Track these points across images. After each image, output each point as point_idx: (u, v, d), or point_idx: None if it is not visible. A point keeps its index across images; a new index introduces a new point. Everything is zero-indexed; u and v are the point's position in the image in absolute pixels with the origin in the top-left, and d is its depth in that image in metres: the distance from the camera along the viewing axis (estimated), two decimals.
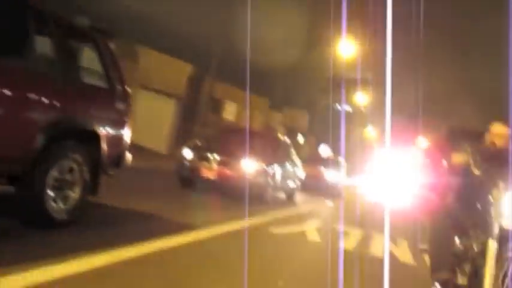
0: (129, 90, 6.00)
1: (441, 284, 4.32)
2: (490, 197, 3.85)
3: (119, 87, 5.76)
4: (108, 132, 5.54)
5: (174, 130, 25.22)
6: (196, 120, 25.53)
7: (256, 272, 4.75)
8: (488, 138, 4.61)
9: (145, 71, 22.81)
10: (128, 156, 6.14)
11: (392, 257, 7.68)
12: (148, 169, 14.67)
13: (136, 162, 14.22)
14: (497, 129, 4.55)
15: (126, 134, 6.00)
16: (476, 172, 4.05)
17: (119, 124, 5.79)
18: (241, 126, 24.89)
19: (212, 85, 24.09)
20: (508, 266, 3.63)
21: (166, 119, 24.76)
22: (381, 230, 9.96)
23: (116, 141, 5.79)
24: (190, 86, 25.52)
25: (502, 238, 3.67)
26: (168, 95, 24.43)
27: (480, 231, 4.08)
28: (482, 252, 3.83)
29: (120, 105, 5.78)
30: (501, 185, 3.75)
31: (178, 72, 24.61)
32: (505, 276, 3.65)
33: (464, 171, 4.16)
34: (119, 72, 5.87)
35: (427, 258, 4.88)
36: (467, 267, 4.16)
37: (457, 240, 4.45)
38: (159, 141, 23.87)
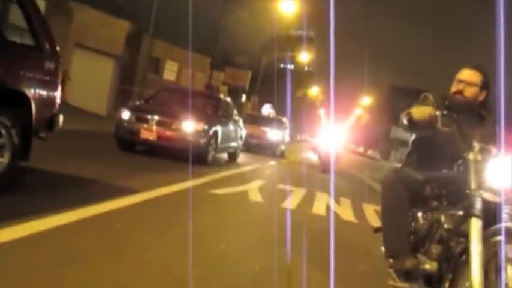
0: (58, 48, 5.66)
1: (402, 274, 3.43)
2: (465, 160, 3.08)
3: (47, 45, 5.43)
4: (38, 94, 5.24)
5: (113, 91, 24.60)
6: (135, 80, 24.97)
7: (198, 234, 4.66)
8: (454, 87, 3.62)
9: (80, 29, 22.01)
10: (60, 118, 5.85)
11: (334, 215, 7.78)
12: (87, 132, 14.28)
13: (75, 125, 13.96)
14: (467, 75, 3.57)
15: (58, 95, 5.70)
16: (444, 127, 3.14)
17: (49, 85, 5.48)
18: (181, 86, 24.51)
19: (151, 44, 23.46)
20: (497, 253, 2.79)
21: (104, 79, 24.09)
22: (324, 189, 10.09)
23: (47, 103, 5.50)
24: (128, 45, 24.80)
25: (486, 215, 2.90)
26: (106, 54, 23.69)
27: (450, 202, 3.32)
28: (456, 229, 3.08)
29: (49, 65, 5.46)
30: (477, 147, 3.04)
31: (115, 30, 23.83)
32: (493, 266, 2.82)
33: (427, 125, 3.19)
34: (47, 30, 5.52)
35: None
36: (435, 249, 3.22)
37: (418, 215, 3.56)
38: (98, 102, 23.27)
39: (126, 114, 10.71)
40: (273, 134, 20.14)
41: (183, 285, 3.43)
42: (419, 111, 3.19)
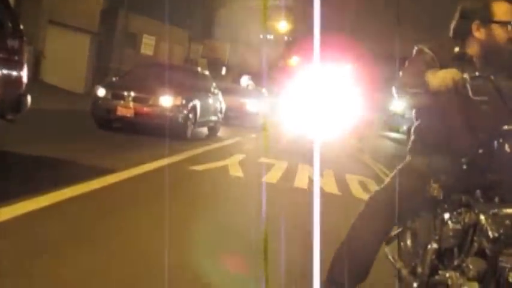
0: (21, 26, 5.41)
1: None
2: None
3: (8, 22, 5.18)
4: (1, 73, 5.01)
5: (91, 68, 24.15)
6: (113, 56, 24.53)
7: (175, 215, 4.53)
8: (499, 31, 2.49)
9: (52, 5, 21.41)
10: (28, 99, 5.63)
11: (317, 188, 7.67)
12: (64, 111, 14.00)
13: (51, 104, 13.66)
14: (507, 9, 2.51)
15: (24, 74, 5.48)
16: (475, 95, 2.30)
17: (13, 64, 5.26)
18: (158, 60, 24.15)
19: (127, 18, 22.99)
20: None
21: (81, 56, 23.59)
22: (306, 160, 9.98)
23: (12, 83, 5.28)
24: (104, 20, 24.28)
25: None
26: (81, 30, 23.16)
27: (488, 196, 2.34)
28: (507, 237, 2.12)
29: (12, 43, 5.22)
30: None
31: (90, 5, 23.25)
32: None
33: (450, 96, 2.31)
34: (8, 6, 5.26)
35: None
36: (474, 264, 2.21)
37: (445, 216, 2.53)
38: (75, 80, 22.82)
39: (101, 92, 10.47)
40: (252, 106, 19.91)
41: (157, 271, 3.29)
42: (439, 77, 2.29)
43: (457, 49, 2.60)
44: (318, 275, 2.82)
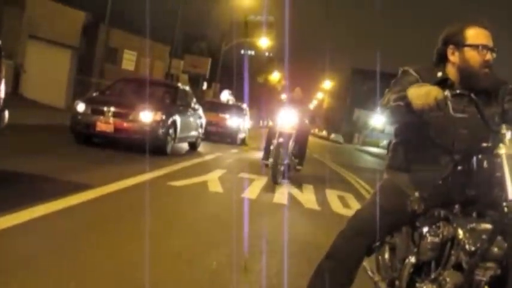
0: None
1: None
2: (492, 155, 2.21)
3: None
4: None
5: (71, 83, 24.03)
6: (93, 71, 24.44)
7: (154, 231, 4.50)
8: (474, 56, 2.58)
9: (34, 20, 21.31)
10: (6, 114, 5.57)
11: (297, 203, 7.69)
12: (44, 126, 13.85)
13: (31, 119, 13.53)
14: (486, 38, 2.61)
15: (1, 90, 5.42)
16: (456, 112, 2.40)
17: None
18: (138, 76, 24.09)
19: (108, 33, 22.93)
20: None
21: (62, 71, 23.50)
22: (285, 176, 9.97)
23: None
24: (85, 35, 24.21)
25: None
26: (62, 45, 23.07)
27: (466, 211, 2.39)
28: (483, 251, 2.12)
29: None
30: (508, 135, 2.19)
31: (71, 20, 23.23)
32: None
33: (431, 112, 2.28)
34: None
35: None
36: (451, 277, 2.25)
37: (423, 230, 2.52)
38: (56, 95, 22.70)
39: (81, 107, 10.40)
40: (233, 121, 19.89)
41: (132, 287, 3.26)
42: (421, 94, 2.27)
43: (439, 74, 2.67)
44: None
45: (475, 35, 2.61)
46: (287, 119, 9.63)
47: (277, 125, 9.76)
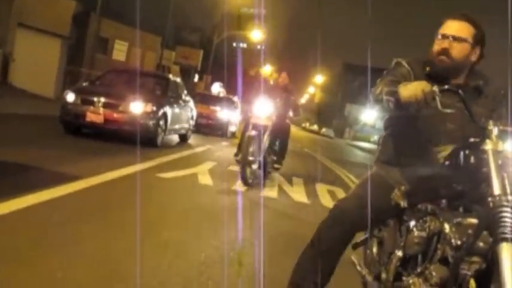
0: None
1: None
2: (478, 151, 2.22)
3: None
4: None
5: (61, 72, 23.85)
6: (84, 61, 24.29)
7: (142, 223, 4.47)
8: (437, 45, 2.68)
9: (23, 8, 21.12)
10: None
11: (287, 197, 7.70)
12: (32, 115, 13.75)
13: (20, 108, 13.45)
14: (453, 28, 2.65)
15: None
16: (444, 107, 2.34)
17: None
18: (129, 66, 23.96)
19: (99, 23, 22.79)
20: None
21: (51, 60, 23.27)
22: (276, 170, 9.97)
23: None
24: (75, 24, 24.02)
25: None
26: (52, 34, 22.87)
27: (453, 205, 2.40)
28: (469, 245, 2.13)
29: None
30: (494, 131, 2.21)
31: (61, 9, 23.00)
32: None
33: (420, 106, 2.32)
34: None
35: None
36: (437, 271, 2.28)
37: (410, 224, 2.57)
38: (45, 84, 22.51)
39: (71, 97, 10.32)
40: (223, 114, 19.82)
41: (120, 278, 3.25)
42: (410, 90, 2.32)
43: (428, 68, 2.71)
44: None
45: (444, 26, 2.68)
46: (263, 109, 8.20)
47: (252, 115, 8.41)
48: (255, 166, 7.89)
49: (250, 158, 7.70)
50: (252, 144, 7.81)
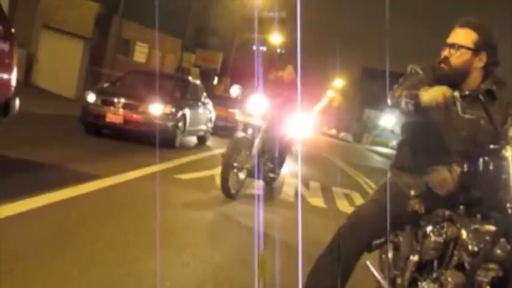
0: (12, 29, 5.39)
1: None
2: (497, 157, 2.22)
3: None
4: None
5: (83, 73, 24.08)
6: (105, 62, 24.50)
7: (159, 223, 4.51)
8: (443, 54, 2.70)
9: (48, 10, 21.42)
10: (17, 103, 5.59)
11: (303, 200, 7.69)
12: (54, 115, 13.92)
13: (42, 108, 13.60)
14: (455, 36, 2.68)
15: (13, 78, 5.44)
16: (465, 113, 2.32)
17: (2, 67, 5.22)
18: (149, 68, 24.08)
19: (121, 25, 22.98)
20: None
21: (73, 61, 23.49)
22: (293, 172, 9.99)
23: (1, 86, 5.24)
24: (98, 26, 24.25)
25: None
26: (75, 35, 23.12)
27: (471, 212, 2.40)
28: (486, 252, 2.13)
29: (2, 46, 5.19)
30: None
31: (84, 11, 23.24)
32: None
33: (440, 111, 2.40)
34: None
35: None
36: (452, 277, 2.27)
37: (427, 229, 2.57)
38: (67, 85, 22.72)
39: (91, 97, 10.43)
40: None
41: (135, 278, 3.28)
42: (431, 94, 2.34)
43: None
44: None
45: (452, 34, 2.71)
46: (256, 106, 6.93)
47: (244, 112, 7.15)
48: (242, 174, 6.80)
49: (236, 164, 6.61)
50: (239, 148, 6.72)
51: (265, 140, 7.11)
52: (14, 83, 5.48)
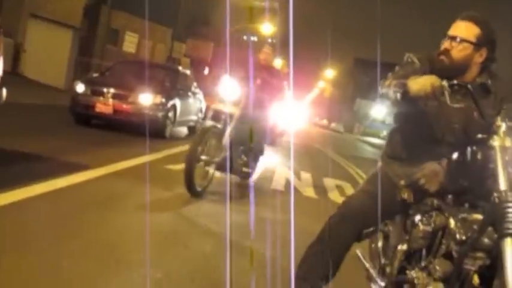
0: None
1: None
2: (485, 147, 2.22)
3: None
4: None
5: (72, 63, 23.94)
6: (94, 52, 24.37)
7: (148, 214, 4.50)
8: (442, 45, 2.67)
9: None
10: (4, 92, 5.53)
11: (295, 190, 7.69)
12: (43, 106, 13.85)
13: (30, 98, 13.50)
14: (456, 29, 2.64)
15: None
16: (453, 102, 2.32)
17: None
18: (139, 58, 23.96)
19: (110, 15, 22.85)
20: None
21: (62, 51, 23.36)
22: (284, 163, 9.99)
23: None
24: (87, 15, 24.09)
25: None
26: (63, 25, 22.95)
27: (459, 201, 2.40)
28: (473, 241, 2.14)
29: None
30: (502, 127, 2.17)
31: (73, 1, 23.07)
32: None
33: (427, 100, 2.40)
34: None
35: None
36: (440, 265, 2.29)
37: (416, 218, 2.56)
38: (56, 75, 22.60)
39: (80, 88, 10.37)
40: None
41: (124, 268, 3.27)
42: (419, 83, 2.35)
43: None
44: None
45: (452, 27, 2.67)
46: (230, 89, 6.13)
47: (214, 99, 6.52)
48: (210, 169, 6.02)
49: (203, 157, 5.82)
50: (208, 139, 5.87)
51: (239, 130, 6.16)
52: (0, 72, 5.42)
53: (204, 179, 5.93)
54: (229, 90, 6.08)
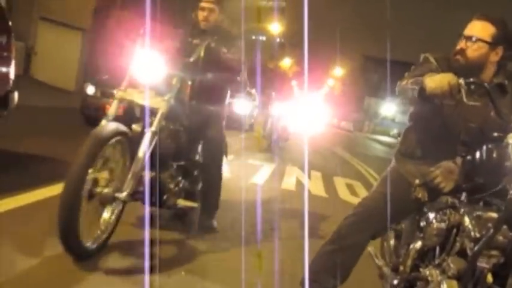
0: (9, 21, 5.36)
1: None
2: (501, 145, 2.21)
3: None
4: None
5: (81, 65, 24.03)
6: (104, 55, 24.44)
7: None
8: (458, 45, 2.69)
9: (44, 2, 21.32)
10: (15, 96, 5.57)
11: (305, 190, 7.69)
12: (53, 108, 13.93)
13: (41, 101, 13.57)
14: (472, 29, 2.66)
15: (11, 71, 5.41)
16: (470, 100, 2.30)
17: (1, 60, 5.20)
18: None
19: (120, 17, 22.89)
20: None
21: (72, 53, 23.46)
22: (294, 162, 9.98)
23: None
24: (96, 18, 24.17)
25: None
26: (73, 27, 23.06)
27: (473, 198, 2.41)
28: (488, 239, 2.12)
29: None
30: None
31: (82, 2, 23.17)
32: None
33: (444, 98, 2.36)
34: None
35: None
36: (455, 263, 2.26)
37: (430, 216, 2.58)
38: (65, 77, 22.70)
39: (91, 89, 10.43)
40: (240, 106, 19.65)
41: (130, 266, 3.28)
42: (436, 80, 2.33)
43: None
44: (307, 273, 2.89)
45: (467, 26, 2.69)
46: (151, 69, 3.61)
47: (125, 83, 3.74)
48: (109, 207, 3.52)
49: (96, 189, 3.37)
50: (108, 153, 3.48)
51: (172, 136, 3.94)
52: (12, 76, 5.45)
53: (100, 225, 3.46)
54: (150, 71, 3.61)
